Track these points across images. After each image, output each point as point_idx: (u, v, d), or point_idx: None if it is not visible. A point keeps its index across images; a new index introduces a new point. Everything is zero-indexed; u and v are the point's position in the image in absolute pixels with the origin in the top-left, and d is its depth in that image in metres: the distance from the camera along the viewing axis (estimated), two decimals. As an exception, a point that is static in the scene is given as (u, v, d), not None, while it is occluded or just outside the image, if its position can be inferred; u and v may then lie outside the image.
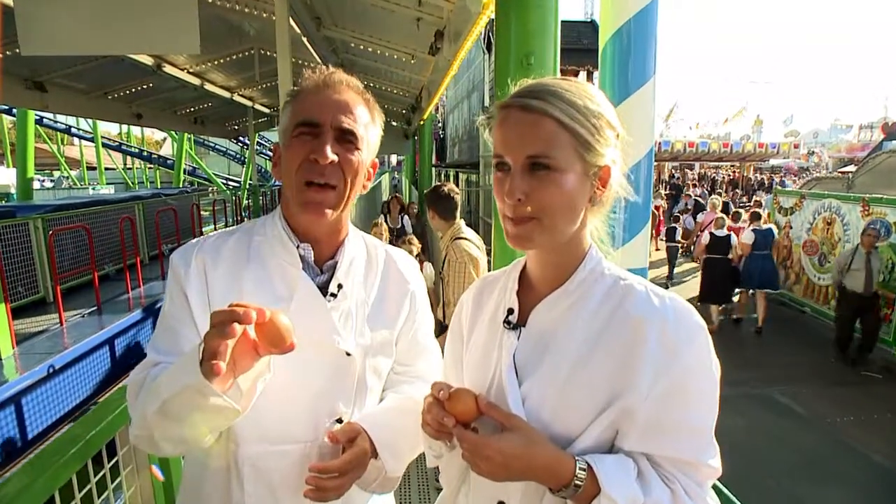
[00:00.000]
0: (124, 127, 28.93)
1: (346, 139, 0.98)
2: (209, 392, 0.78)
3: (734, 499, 1.10)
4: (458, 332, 1.06)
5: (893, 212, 6.91)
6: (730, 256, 7.65)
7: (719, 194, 16.80)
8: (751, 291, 8.05)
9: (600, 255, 0.90)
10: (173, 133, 23.14)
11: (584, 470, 0.76)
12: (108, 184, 25.31)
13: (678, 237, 10.48)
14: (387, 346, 1.10)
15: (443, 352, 1.14)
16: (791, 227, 9.01)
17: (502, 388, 0.87)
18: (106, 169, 27.12)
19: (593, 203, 0.86)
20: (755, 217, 7.94)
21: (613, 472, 0.76)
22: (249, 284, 0.99)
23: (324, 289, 1.03)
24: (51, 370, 4.77)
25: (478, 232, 4.25)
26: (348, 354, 1.02)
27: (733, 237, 7.73)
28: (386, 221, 7.06)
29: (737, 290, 8.04)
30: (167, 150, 35.73)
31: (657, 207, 13.47)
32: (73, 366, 5.07)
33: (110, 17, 3.89)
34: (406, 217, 7.61)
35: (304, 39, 5.91)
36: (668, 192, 18.46)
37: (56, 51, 4.04)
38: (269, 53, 8.35)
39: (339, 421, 1.02)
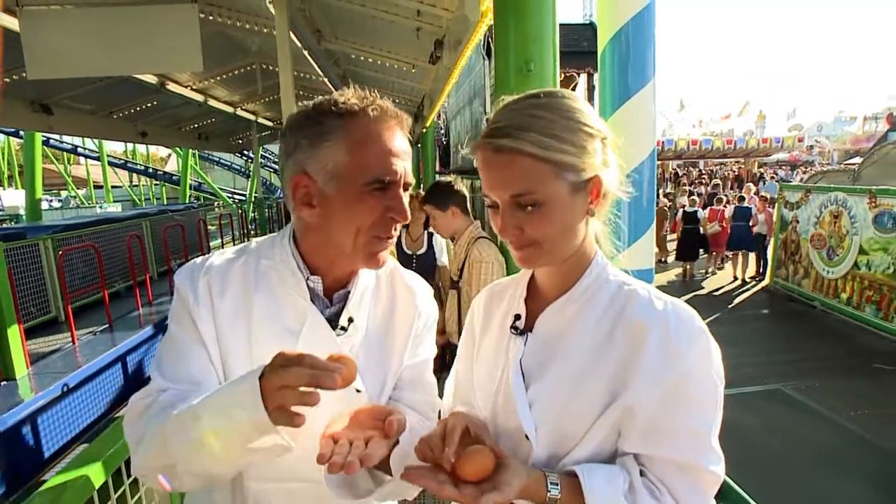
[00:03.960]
0: (129, 145, 29.21)
1: (408, 189, 0.94)
2: (269, 430, 0.73)
3: (750, 500, 1.11)
4: (471, 336, 1.07)
5: (901, 203, 6.87)
6: (699, 227, 10.42)
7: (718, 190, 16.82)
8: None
9: (605, 262, 0.91)
10: (178, 149, 23.37)
11: (556, 485, 0.78)
12: (114, 201, 25.55)
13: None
14: (392, 379, 1.06)
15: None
16: (798, 222, 8.96)
17: (510, 392, 0.89)
18: (112, 187, 27.41)
19: (590, 214, 0.87)
20: (740, 199, 10.76)
21: (601, 488, 0.77)
22: (258, 314, 0.95)
23: (333, 320, 0.98)
24: (65, 389, 4.82)
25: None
26: (358, 391, 0.97)
27: (700, 211, 10.65)
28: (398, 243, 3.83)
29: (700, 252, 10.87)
30: (172, 166, 36.04)
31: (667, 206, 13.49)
32: (87, 384, 5.12)
33: (114, 39, 3.97)
34: (435, 236, 3.76)
35: (305, 53, 5.98)
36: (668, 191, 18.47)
37: (62, 74, 4.12)
38: (270, 68, 8.43)
39: None
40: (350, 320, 0.98)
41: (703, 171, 27.27)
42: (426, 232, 3.71)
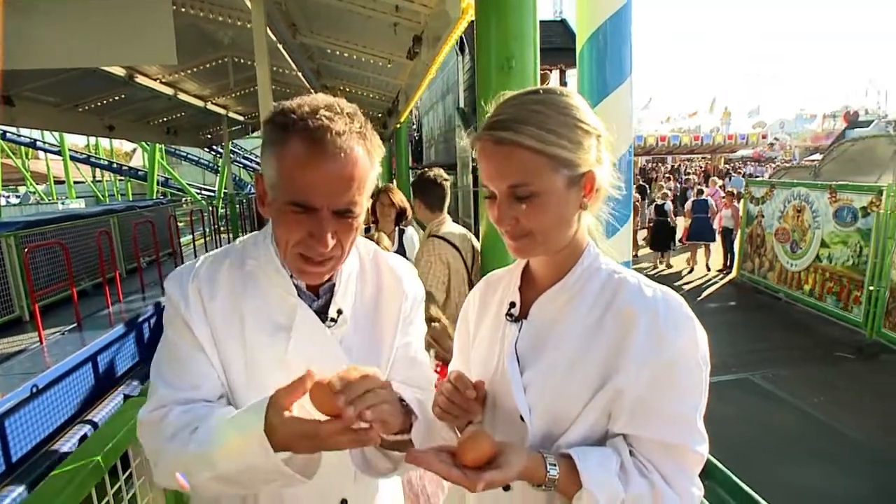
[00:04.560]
0: (92, 139, 28.32)
1: (346, 216, 0.90)
2: (286, 474, 0.80)
3: (734, 477, 1.17)
4: (465, 328, 1.11)
5: (859, 198, 7.16)
6: (668, 220, 11.16)
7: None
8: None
9: (597, 251, 0.95)
10: (144, 144, 22.75)
11: (555, 465, 0.81)
12: (77, 197, 24.74)
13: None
14: (386, 363, 1.08)
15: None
16: (763, 217, 9.26)
17: (505, 377, 0.93)
18: (74, 182, 26.52)
19: (583, 207, 0.91)
20: (699, 193, 11.87)
21: (595, 469, 0.81)
22: (248, 314, 0.97)
23: (322, 312, 1.00)
24: (34, 390, 4.69)
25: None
26: None
27: (668, 204, 11.30)
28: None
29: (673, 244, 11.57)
30: (137, 161, 35.07)
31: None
32: (58, 384, 4.98)
33: (86, 31, 3.87)
34: (407, 230, 3.74)
35: (280, 47, 5.90)
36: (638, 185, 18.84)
37: (32, 65, 4.00)
38: (242, 61, 8.29)
39: None
40: (339, 311, 1.01)
41: (674, 167, 27.85)
42: (398, 229, 3.62)
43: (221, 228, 13.16)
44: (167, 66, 7.90)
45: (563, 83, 14.68)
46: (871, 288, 6.81)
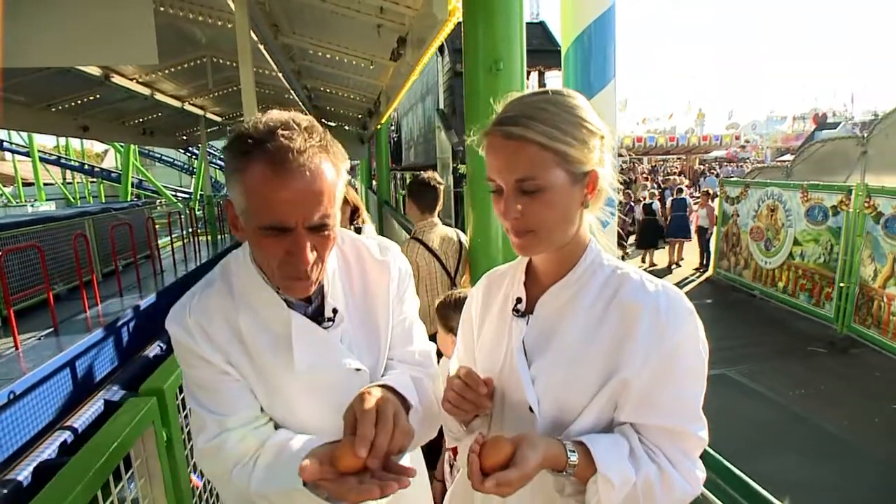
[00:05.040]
0: (62, 139, 27.63)
1: (321, 230, 0.90)
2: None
3: (724, 461, 1.23)
4: (468, 324, 1.15)
5: (830, 197, 7.38)
6: (657, 218, 11.59)
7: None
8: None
9: (599, 248, 0.99)
10: (117, 145, 22.30)
11: (574, 451, 0.85)
12: (47, 199, 24.09)
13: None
14: (384, 350, 1.11)
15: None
16: (738, 216, 9.47)
17: (514, 369, 0.96)
18: (44, 184, 25.82)
19: (585, 206, 0.94)
20: (679, 192, 11.88)
21: (607, 454, 0.85)
22: (246, 334, 0.99)
23: (317, 316, 1.02)
24: (12, 396, 4.58)
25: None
26: (358, 370, 1.03)
27: (656, 203, 11.80)
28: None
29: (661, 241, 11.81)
30: (109, 162, 34.32)
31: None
32: (36, 390, 4.87)
33: (66, 30, 3.79)
34: (365, 227, 3.74)
35: (262, 47, 5.87)
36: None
37: (9, 63, 3.90)
38: (221, 61, 8.21)
39: None
40: (335, 311, 1.03)
41: (652, 167, 28.30)
42: (352, 227, 3.43)
43: (200, 231, 12.95)
44: (144, 66, 7.79)
45: (542, 85, 14.80)
46: (842, 284, 7.04)
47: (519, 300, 1.02)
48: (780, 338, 7.19)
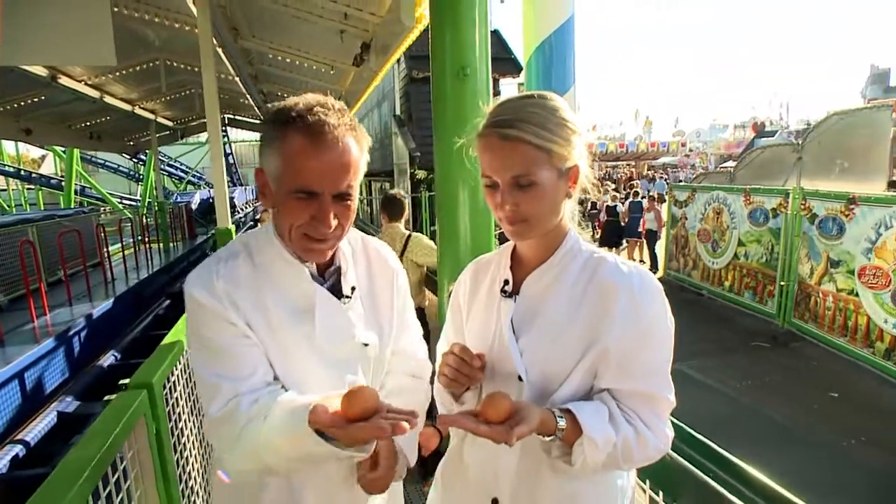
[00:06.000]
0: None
1: (344, 199, 1.01)
2: (342, 455, 0.90)
3: (691, 430, 1.35)
4: (457, 307, 1.24)
5: (770, 200, 7.83)
6: (619, 220, 12.34)
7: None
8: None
9: (577, 235, 1.10)
10: (58, 149, 21.28)
11: (562, 417, 0.96)
12: (-23, 207, 22.68)
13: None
14: (389, 328, 1.21)
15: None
16: (686, 218, 9.90)
17: (504, 344, 1.07)
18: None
19: (569, 196, 1.06)
20: (635, 195, 12.62)
21: (591, 418, 0.96)
22: (271, 304, 1.05)
23: (335, 293, 1.11)
24: (-44, 411, 4.36)
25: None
26: (365, 344, 1.13)
27: (619, 206, 12.67)
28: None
29: (623, 241, 12.61)
30: (48, 168, 32.70)
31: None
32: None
33: (20, 28, 3.66)
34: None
35: (220, 50, 5.80)
36: None
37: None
38: (175, 64, 8.04)
39: None
40: (353, 288, 1.13)
41: (605, 173, 29.10)
42: None
43: (151, 238, 12.53)
44: (94, 67, 7.54)
45: (497, 91, 15.04)
46: (783, 283, 7.47)
47: (506, 282, 1.12)
48: (728, 334, 7.57)
